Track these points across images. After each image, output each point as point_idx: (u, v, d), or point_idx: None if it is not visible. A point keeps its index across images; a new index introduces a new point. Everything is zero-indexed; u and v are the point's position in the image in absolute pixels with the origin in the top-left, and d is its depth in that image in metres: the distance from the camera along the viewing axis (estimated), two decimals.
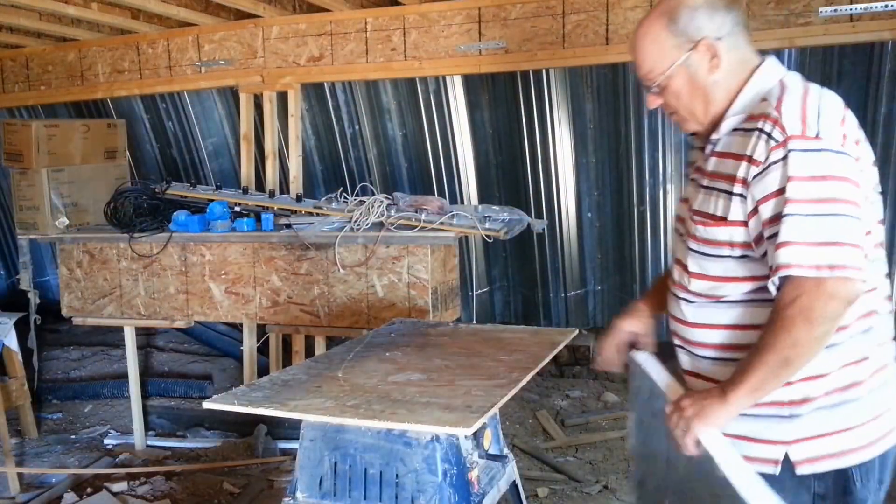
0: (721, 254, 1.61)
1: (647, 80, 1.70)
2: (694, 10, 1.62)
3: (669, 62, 1.64)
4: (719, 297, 1.65)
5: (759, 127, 1.53)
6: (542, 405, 4.74)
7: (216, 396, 1.99)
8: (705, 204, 1.65)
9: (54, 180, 4.48)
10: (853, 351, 1.58)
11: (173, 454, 4.41)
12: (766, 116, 1.53)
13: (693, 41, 1.62)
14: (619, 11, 3.96)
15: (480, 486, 1.99)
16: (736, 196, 1.56)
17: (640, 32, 1.69)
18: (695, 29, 1.62)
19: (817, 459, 1.57)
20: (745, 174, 1.54)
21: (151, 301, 4.28)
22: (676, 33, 1.63)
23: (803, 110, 1.51)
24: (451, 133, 4.87)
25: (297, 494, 1.97)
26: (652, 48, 1.66)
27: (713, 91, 1.65)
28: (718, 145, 1.66)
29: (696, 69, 1.64)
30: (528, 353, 2.32)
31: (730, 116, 1.64)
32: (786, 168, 1.47)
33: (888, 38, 3.73)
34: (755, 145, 1.53)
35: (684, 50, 1.63)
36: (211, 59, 4.84)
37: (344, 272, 3.87)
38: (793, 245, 1.45)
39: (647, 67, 1.68)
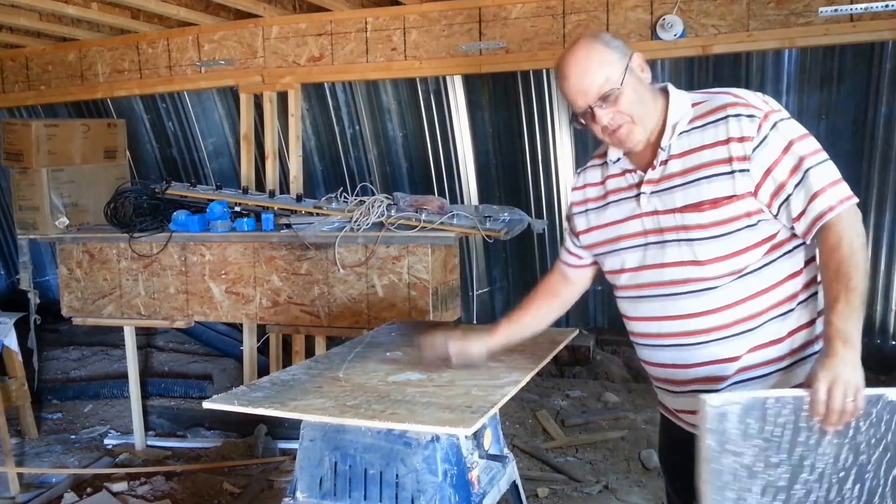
0: (738, 227, 1.75)
1: (602, 93, 1.78)
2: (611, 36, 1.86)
3: (620, 71, 1.78)
4: (741, 271, 1.77)
5: (733, 113, 1.75)
6: (542, 405, 4.73)
7: (216, 396, 1.99)
8: (700, 194, 1.77)
9: (54, 180, 4.48)
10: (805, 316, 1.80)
11: (173, 454, 4.41)
12: (730, 105, 1.76)
13: (627, 54, 1.81)
14: (620, 11, 3.96)
15: (481, 487, 1.99)
16: (737, 172, 1.73)
17: (581, 56, 1.81)
18: (622, 47, 1.83)
19: None
20: (741, 152, 1.73)
21: (151, 301, 4.28)
22: (614, 48, 1.81)
23: (757, 96, 1.78)
24: (452, 133, 4.87)
25: (297, 494, 1.97)
26: (601, 64, 1.79)
27: (650, 98, 1.84)
28: (674, 149, 1.82)
29: (636, 77, 1.81)
30: (529, 354, 2.32)
31: (673, 123, 1.82)
32: (780, 133, 1.71)
33: (888, 37, 3.73)
34: (738, 128, 1.73)
35: (625, 62, 1.80)
36: (211, 58, 4.83)
37: (344, 272, 3.87)
38: (825, 191, 1.68)
39: (602, 79, 1.78)
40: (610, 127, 1.82)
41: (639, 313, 1.94)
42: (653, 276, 1.87)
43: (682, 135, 1.81)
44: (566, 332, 2.63)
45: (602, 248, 1.99)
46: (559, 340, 2.51)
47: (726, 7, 3.80)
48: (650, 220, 1.86)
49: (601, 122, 1.81)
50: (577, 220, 2.05)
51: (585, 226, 2.03)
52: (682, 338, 1.85)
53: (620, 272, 1.95)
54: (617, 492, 3.67)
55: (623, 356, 5.32)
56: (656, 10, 3.90)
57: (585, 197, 2.03)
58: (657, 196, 1.84)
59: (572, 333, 2.63)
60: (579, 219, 2.05)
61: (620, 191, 1.93)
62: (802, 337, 1.80)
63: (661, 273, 1.85)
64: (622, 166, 1.93)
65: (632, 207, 1.90)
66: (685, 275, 1.81)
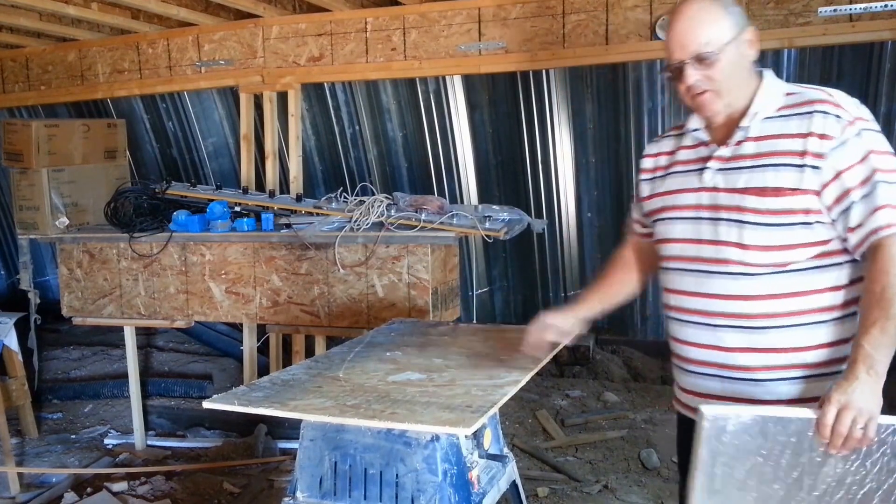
0: (792, 221, 1.74)
1: (699, 51, 1.79)
2: (736, 5, 1.84)
3: (727, 38, 1.78)
4: (784, 266, 1.76)
5: (821, 110, 1.73)
6: (541, 405, 4.74)
7: (216, 396, 1.99)
8: (765, 180, 1.76)
9: (54, 180, 4.48)
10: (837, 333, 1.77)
11: (173, 454, 4.42)
12: (821, 101, 1.74)
13: (741, 27, 1.81)
14: (619, 11, 3.97)
15: (480, 486, 1.99)
16: (808, 167, 1.72)
17: (693, 11, 1.81)
18: (741, 17, 1.82)
19: None
20: (817, 148, 1.71)
21: (151, 301, 4.28)
22: (732, 15, 1.80)
23: (849, 100, 1.76)
24: (451, 133, 4.87)
25: (297, 494, 1.97)
26: (709, 23, 1.79)
27: (746, 76, 1.84)
28: (752, 132, 1.81)
29: (742, 51, 1.81)
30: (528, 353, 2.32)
31: (759, 106, 1.81)
32: (862, 141, 1.69)
33: (888, 37, 3.73)
34: (823, 124, 1.71)
35: (734, 32, 1.79)
36: (211, 58, 4.84)
37: (344, 272, 3.87)
38: (888, 208, 1.65)
39: (704, 40, 1.78)
40: (694, 89, 1.82)
41: (675, 286, 1.95)
42: (695, 250, 1.87)
43: (765, 120, 1.80)
44: None
45: (656, 215, 2.00)
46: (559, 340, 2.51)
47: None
48: (707, 196, 1.86)
49: (687, 81, 1.82)
50: (643, 186, 2.06)
51: (649, 192, 2.04)
52: (706, 317, 1.86)
53: (667, 242, 1.96)
54: (616, 491, 3.68)
55: (623, 356, 5.33)
56: (656, 10, 3.90)
57: (655, 165, 2.04)
58: (722, 174, 1.84)
59: None
60: (644, 186, 2.06)
61: (688, 162, 1.94)
62: (829, 353, 1.77)
63: (703, 249, 1.86)
64: (699, 137, 1.92)
65: (692, 180, 1.90)
66: (726, 255, 1.81)
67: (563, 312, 2.20)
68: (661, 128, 4.50)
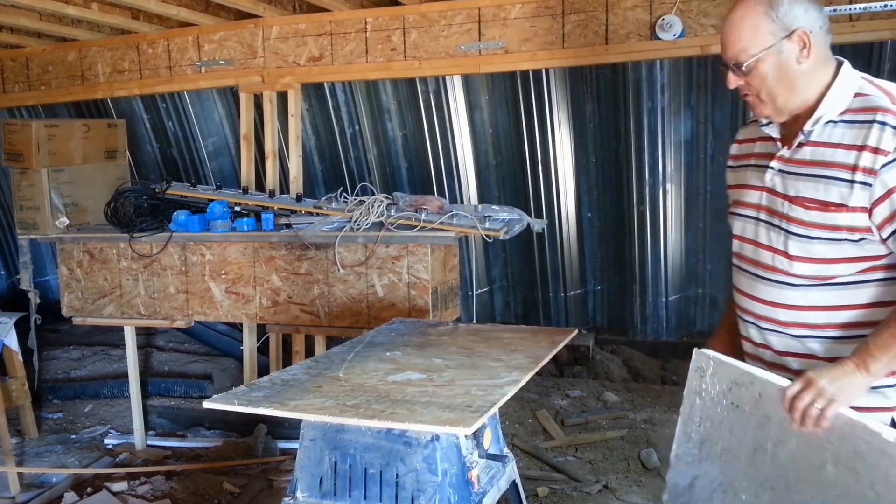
0: (838, 237, 1.70)
1: (735, 59, 1.76)
2: (792, 2, 1.74)
3: (762, 45, 1.73)
4: (828, 279, 1.74)
5: (880, 120, 1.65)
6: (541, 405, 4.74)
7: (216, 396, 1.99)
8: (814, 191, 1.72)
9: (54, 180, 4.48)
10: None
11: (173, 454, 4.41)
12: (883, 110, 1.66)
13: (788, 30, 1.73)
14: (619, 11, 3.97)
15: (480, 486, 1.99)
16: (857, 184, 1.66)
17: (738, 14, 1.77)
18: (792, 19, 1.73)
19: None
20: (870, 163, 1.64)
21: (151, 301, 4.28)
22: (774, 20, 1.73)
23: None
24: (451, 133, 4.87)
25: (297, 494, 1.97)
26: (748, 30, 1.74)
27: (800, 80, 1.75)
28: (813, 136, 1.75)
29: (786, 57, 1.74)
30: (528, 353, 2.33)
31: (823, 109, 1.74)
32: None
33: (887, 37, 3.73)
34: (878, 137, 1.64)
35: (778, 37, 1.73)
36: (211, 59, 4.84)
37: (344, 272, 3.87)
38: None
39: (740, 47, 1.75)
40: (740, 91, 1.82)
41: (734, 282, 1.97)
42: (751, 251, 1.88)
43: (827, 125, 1.74)
44: (566, 332, 2.63)
45: (731, 208, 1.98)
46: (559, 340, 2.52)
47: (725, 7, 3.80)
48: (766, 197, 1.84)
49: (729, 85, 1.81)
50: (728, 174, 2.04)
51: (730, 182, 2.02)
52: (755, 318, 1.88)
53: (734, 237, 1.95)
54: (616, 491, 3.68)
55: (623, 356, 5.32)
56: (655, 10, 3.90)
57: (738, 152, 2.01)
58: (780, 176, 1.81)
59: (572, 333, 2.64)
60: (729, 174, 2.03)
61: (759, 156, 1.91)
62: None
63: (759, 253, 1.85)
64: (770, 131, 1.88)
65: (759, 177, 1.87)
66: (774, 262, 1.81)
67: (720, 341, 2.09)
68: (660, 127, 4.50)
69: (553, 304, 5.20)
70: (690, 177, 4.62)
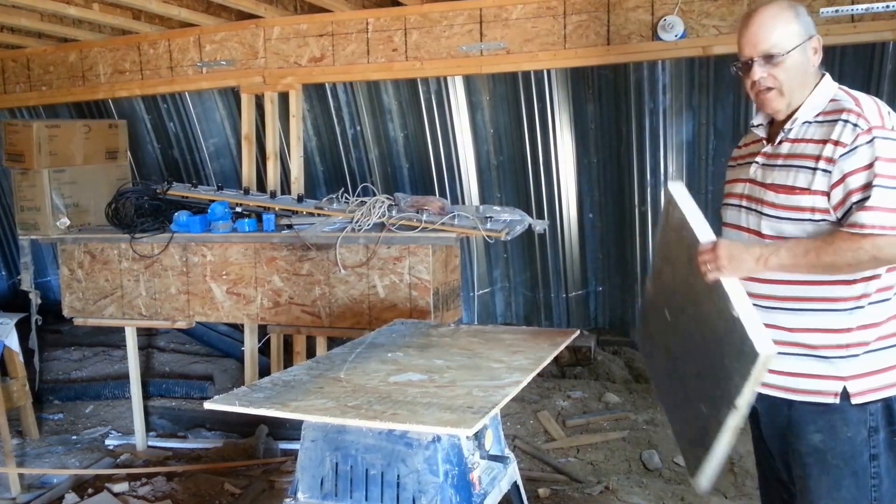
0: (801, 217, 1.93)
1: (768, 51, 1.97)
2: (807, 13, 2.03)
3: (795, 42, 1.97)
4: None
5: (844, 118, 1.89)
6: (543, 406, 4.73)
7: (217, 397, 1.99)
8: (785, 178, 1.97)
9: (55, 181, 4.49)
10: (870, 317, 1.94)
11: (174, 455, 4.41)
12: (847, 110, 1.90)
13: (809, 34, 1.99)
14: (621, 12, 3.96)
15: (482, 487, 1.99)
16: (820, 171, 1.89)
17: (769, 13, 2.00)
18: (809, 26, 2.01)
19: (868, 391, 1.93)
20: (830, 153, 1.88)
21: (152, 302, 4.28)
22: (802, 23, 1.99)
23: (879, 110, 1.91)
24: (453, 133, 4.87)
25: (298, 495, 1.97)
26: (781, 27, 1.97)
27: (808, 80, 2.01)
28: (791, 133, 2.00)
29: (807, 57, 1.99)
30: (529, 354, 2.32)
31: (803, 111, 1.99)
32: (873, 149, 1.83)
33: (889, 38, 3.72)
34: (840, 132, 1.88)
35: (803, 38, 1.98)
36: (212, 59, 4.84)
37: (345, 273, 3.87)
38: (877, 210, 1.79)
39: (774, 41, 1.97)
40: (759, 85, 2.01)
41: None
42: (735, 236, 2.09)
43: (804, 124, 1.98)
44: (567, 333, 2.63)
45: (723, 200, 2.23)
46: (560, 341, 2.52)
47: (727, 8, 3.80)
48: (749, 187, 2.08)
49: (753, 77, 2.00)
50: (727, 172, 2.28)
51: (727, 178, 2.25)
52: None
53: (722, 225, 2.19)
54: (618, 492, 3.67)
55: (624, 356, 5.32)
56: (657, 11, 3.90)
57: (738, 154, 2.25)
58: (762, 168, 2.06)
59: (573, 334, 2.63)
60: (727, 172, 2.27)
61: (748, 156, 2.16)
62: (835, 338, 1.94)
63: (739, 235, 2.08)
64: (759, 132, 2.13)
65: (745, 171, 2.12)
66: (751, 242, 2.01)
67: None
68: (662, 128, 4.50)
69: (554, 305, 5.20)
70: (692, 178, 4.62)
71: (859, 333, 1.92)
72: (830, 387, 1.94)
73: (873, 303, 1.92)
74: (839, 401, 1.93)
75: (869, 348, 1.93)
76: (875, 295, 1.92)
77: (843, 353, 1.93)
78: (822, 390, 1.95)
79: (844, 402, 1.93)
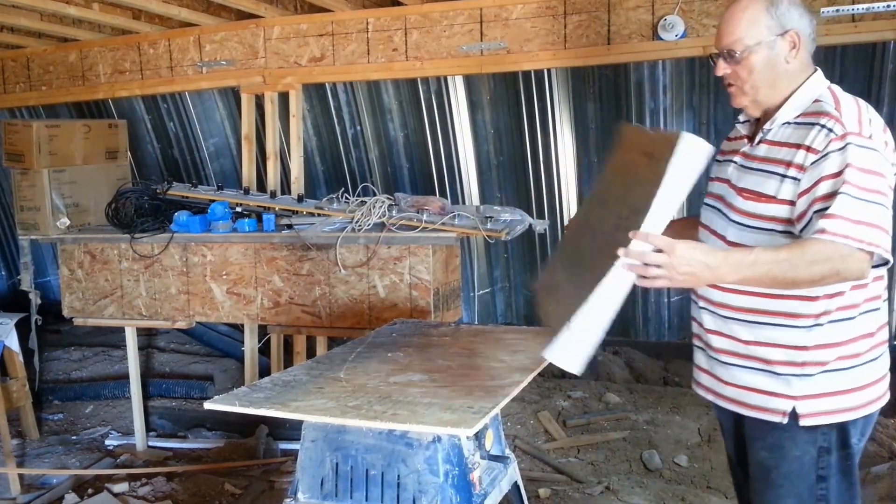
0: (765, 227, 1.82)
1: (730, 47, 1.88)
2: (792, 4, 1.87)
3: (757, 38, 1.85)
4: None
5: (821, 123, 1.76)
6: (543, 406, 4.73)
7: (217, 397, 1.98)
8: (755, 184, 1.86)
9: (55, 181, 4.48)
10: (863, 326, 1.84)
11: (174, 455, 4.41)
12: (826, 114, 1.76)
13: (784, 29, 1.85)
14: (621, 12, 3.96)
15: (482, 487, 1.98)
16: (789, 178, 1.78)
17: (740, 6, 1.89)
18: (788, 19, 1.85)
19: (819, 414, 1.82)
20: (802, 160, 1.76)
21: (152, 302, 4.28)
22: (773, 16, 1.85)
23: (859, 115, 1.77)
24: (453, 133, 4.87)
25: (298, 495, 1.96)
26: (746, 21, 1.86)
27: (782, 79, 1.88)
28: (769, 135, 1.88)
29: (776, 53, 1.86)
30: (530, 354, 2.32)
31: (784, 111, 1.86)
32: (845, 156, 1.69)
33: (890, 37, 3.72)
34: (814, 137, 1.75)
35: (774, 33, 1.85)
36: (212, 59, 4.83)
37: (345, 273, 3.86)
38: (839, 218, 1.66)
39: (735, 36, 1.86)
40: (724, 79, 1.93)
41: None
42: (705, 237, 2.01)
43: (783, 125, 1.86)
44: None
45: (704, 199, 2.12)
46: None
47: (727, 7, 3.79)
48: (724, 188, 1.97)
49: (716, 72, 1.93)
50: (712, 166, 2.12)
51: (710, 175, 2.11)
52: (697, 297, 2.01)
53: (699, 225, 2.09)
54: (618, 492, 3.67)
55: (624, 357, 5.32)
56: (657, 11, 3.90)
57: (724, 148, 2.11)
58: (738, 170, 1.94)
59: None
60: (713, 166, 2.11)
61: (729, 153, 2.04)
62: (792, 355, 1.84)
63: (709, 238, 1.99)
64: (742, 129, 2.02)
65: (724, 170, 2.01)
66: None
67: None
68: (663, 128, 4.49)
69: None
70: None
71: (816, 352, 1.81)
72: (780, 405, 1.84)
73: (834, 321, 1.81)
74: (787, 420, 1.84)
75: (826, 368, 1.82)
76: (836, 313, 1.80)
77: (796, 370, 1.83)
78: (771, 408, 1.86)
79: (792, 422, 1.83)
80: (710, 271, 1.68)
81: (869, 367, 1.85)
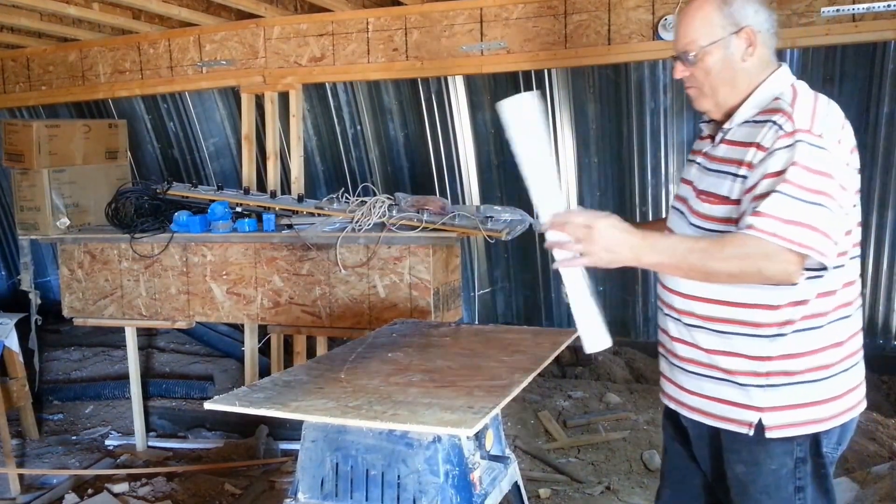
0: (719, 229, 1.75)
1: (684, 49, 1.82)
2: (745, 0, 1.79)
3: (711, 38, 1.78)
4: None
5: (773, 119, 1.69)
6: (543, 406, 4.73)
7: (217, 397, 1.98)
8: (711, 185, 1.81)
9: (55, 181, 4.48)
10: (831, 335, 1.77)
11: (174, 455, 4.41)
12: (779, 111, 1.69)
13: (738, 26, 1.77)
14: (622, 12, 3.96)
15: (482, 487, 1.98)
16: (739, 178, 1.72)
17: (694, 6, 1.82)
18: (742, 16, 1.78)
19: (787, 426, 1.77)
20: (751, 158, 1.70)
21: (152, 302, 4.28)
22: (726, 14, 1.78)
23: (813, 111, 1.68)
24: (453, 133, 4.87)
25: (298, 496, 1.96)
26: (699, 22, 1.80)
27: (741, 78, 1.81)
28: (729, 134, 1.82)
29: (732, 52, 1.79)
30: (530, 354, 2.32)
31: (743, 109, 1.80)
32: (792, 153, 1.62)
33: (891, 37, 3.72)
34: (765, 135, 1.68)
35: (728, 32, 1.78)
36: (212, 59, 4.83)
37: (345, 273, 3.86)
38: (768, 217, 1.58)
39: (689, 38, 1.81)
40: (684, 82, 1.88)
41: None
42: None
43: (742, 124, 1.80)
44: (568, 333, 2.62)
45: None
46: (561, 341, 2.51)
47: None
48: (688, 190, 1.92)
49: (674, 76, 1.88)
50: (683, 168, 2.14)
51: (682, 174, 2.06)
52: (662, 304, 1.98)
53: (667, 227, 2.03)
54: (619, 493, 3.67)
55: (625, 357, 5.31)
56: (658, 11, 3.89)
57: (694, 147, 2.04)
58: (699, 170, 1.89)
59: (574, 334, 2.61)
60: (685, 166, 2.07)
61: (695, 153, 1.99)
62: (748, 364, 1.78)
63: None
64: (706, 129, 1.97)
65: (689, 171, 1.96)
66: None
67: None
68: (663, 128, 4.49)
69: (555, 305, 5.19)
70: None
71: (781, 363, 1.75)
72: (745, 416, 1.79)
73: (800, 331, 1.74)
74: (752, 432, 1.78)
75: (794, 380, 1.75)
76: (801, 322, 1.73)
77: (760, 381, 1.77)
78: (737, 419, 1.80)
79: (759, 434, 1.77)
80: (629, 250, 1.66)
81: (841, 377, 1.79)
